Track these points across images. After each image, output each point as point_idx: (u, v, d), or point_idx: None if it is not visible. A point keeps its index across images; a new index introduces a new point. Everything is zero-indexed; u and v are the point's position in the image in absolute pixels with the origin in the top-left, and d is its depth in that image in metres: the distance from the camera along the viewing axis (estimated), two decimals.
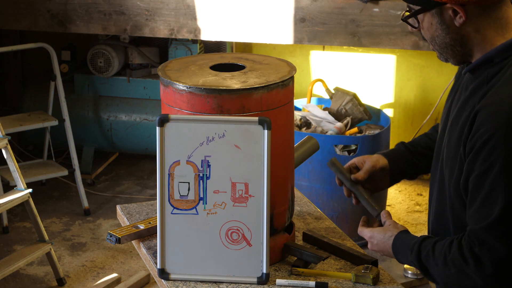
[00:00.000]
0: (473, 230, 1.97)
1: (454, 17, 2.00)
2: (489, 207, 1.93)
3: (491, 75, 2.00)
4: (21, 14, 5.01)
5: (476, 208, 1.96)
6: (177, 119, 2.34)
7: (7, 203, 4.03)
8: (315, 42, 4.74)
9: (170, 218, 2.38)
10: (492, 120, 1.91)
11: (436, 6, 2.00)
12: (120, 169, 5.77)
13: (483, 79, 2.02)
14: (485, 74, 2.02)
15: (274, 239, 2.48)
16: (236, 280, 2.39)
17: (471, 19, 2.00)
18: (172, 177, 2.36)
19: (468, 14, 1.99)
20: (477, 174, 1.95)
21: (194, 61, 2.60)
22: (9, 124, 4.78)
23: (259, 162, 2.34)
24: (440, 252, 2.04)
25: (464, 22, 2.00)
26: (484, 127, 1.92)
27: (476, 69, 2.05)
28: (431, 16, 2.03)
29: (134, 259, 4.54)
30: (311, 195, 4.50)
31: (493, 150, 1.91)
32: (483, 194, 1.94)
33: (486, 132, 1.91)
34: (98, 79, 5.44)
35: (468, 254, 1.97)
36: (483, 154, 1.92)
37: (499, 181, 1.91)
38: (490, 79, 2.00)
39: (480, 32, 2.01)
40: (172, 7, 4.82)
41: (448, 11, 2.00)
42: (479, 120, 1.94)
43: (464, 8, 1.98)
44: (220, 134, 2.33)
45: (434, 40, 2.07)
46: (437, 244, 2.06)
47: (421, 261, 2.09)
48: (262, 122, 2.31)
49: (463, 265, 1.98)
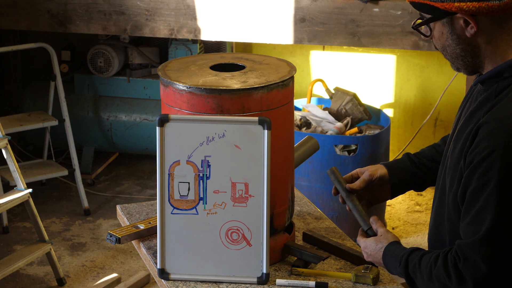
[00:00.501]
0: (459, 245, 1.96)
1: (466, 27, 1.97)
2: (478, 223, 1.92)
3: (499, 89, 1.97)
4: (21, 14, 5.01)
5: (467, 222, 1.95)
6: (177, 119, 2.34)
7: (7, 203, 4.03)
8: (315, 42, 4.74)
9: (170, 218, 2.38)
10: (493, 136, 1.89)
11: (446, 16, 1.97)
12: (120, 169, 5.77)
13: (491, 92, 1.99)
14: (494, 87, 1.99)
15: (274, 239, 2.48)
16: (236, 280, 2.39)
17: (483, 30, 1.97)
18: (172, 177, 2.36)
19: (480, 25, 1.96)
20: (473, 188, 1.93)
21: (194, 61, 2.60)
22: (9, 124, 4.78)
23: (259, 162, 2.34)
24: (426, 266, 2.02)
25: (476, 33, 1.97)
26: (485, 143, 1.90)
27: (486, 81, 2.02)
28: (442, 25, 2.00)
29: (134, 259, 4.55)
30: (311, 195, 4.50)
31: (490, 167, 1.89)
32: (475, 209, 1.92)
33: (486, 148, 1.89)
34: (98, 79, 5.44)
35: (451, 269, 1.96)
36: (481, 170, 1.90)
37: (491, 199, 1.89)
38: (498, 93, 1.97)
39: (491, 43, 1.98)
40: (172, 7, 4.82)
41: (459, 21, 1.97)
42: (481, 134, 1.92)
43: (475, 18, 1.95)
44: (220, 134, 2.33)
45: (445, 50, 2.04)
46: (424, 257, 2.05)
47: (408, 273, 2.08)
48: (262, 122, 2.31)
49: (446, 280, 1.96)
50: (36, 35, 5.67)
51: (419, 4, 2.01)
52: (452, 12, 1.96)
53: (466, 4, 1.93)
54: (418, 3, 2.01)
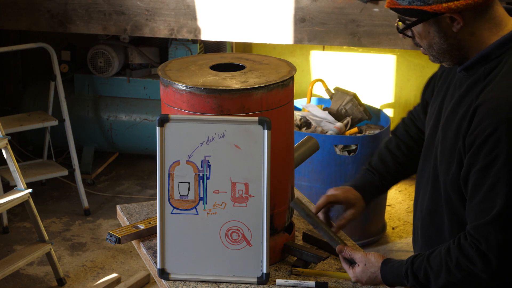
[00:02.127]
0: (476, 227, 1.96)
1: (452, 23, 2.01)
2: (491, 199, 1.94)
3: (488, 71, 2.02)
4: (21, 14, 5.01)
5: (478, 201, 1.96)
6: (177, 119, 2.34)
7: (7, 203, 4.03)
8: (315, 42, 4.74)
9: (170, 218, 2.38)
10: (494, 114, 1.92)
11: (434, 16, 2.01)
12: (120, 169, 5.77)
13: (479, 76, 2.03)
14: (481, 70, 2.03)
15: (274, 239, 2.48)
16: (236, 280, 2.39)
17: (468, 23, 2.02)
18: (172, 177, 2.36)
19: (465, 19, 2.01)
20: (480, 167, 1.95)
21: (194, 61, 2.60)
22: (9, 124, 4.78)
23: (259, 162, 2.34)
24: (440, 264, 2.03)
25: (461, 27, 2.02)
26: (486, 121, 1.93)
27: (471, 67, 2.06)
28: (428, 25, 2.04)
29: (134, 259, 4.55)
30: (311, 195, 4.50)
31: (497, 143, 1.91)
32: (487, 186, 1.94)
33: (488, 126, 1.92)
34: (98, 79, 5.44)
35: (474, 254, 1.96)
36: (487, 147, 1.93)
37: (503, 174, 1.92)
38: (487, 75, 2.02)
39: (475, 34, 2.03)
40: (172, 7, 4.82)
41: (445, 19, 2.01)
42: (480, 114, 1.95)
43: (461, 14, 2.00)
44: (220, 134, 2.33)
45: (432, 47, 2.08)
46: (431, 258, 2.05)
47: (421, 283, 2.07)
48: (262, 122, 2.31)
49: (470, 267, 1.97)
50: (36, 35, 5.67)
51: (404, 10, 2.03)
52: (441, 13, 1.98)
53: (453, 3, 1.98)
54: (403, 9, 2.02)
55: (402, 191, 5.41)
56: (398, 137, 2.44)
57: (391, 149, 2.43)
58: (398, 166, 2.42)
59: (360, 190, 2.41)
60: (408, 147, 2.42)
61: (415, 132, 2.42)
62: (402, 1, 2.02)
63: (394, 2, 2.04)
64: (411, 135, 2.42)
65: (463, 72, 2.09)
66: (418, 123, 2.42)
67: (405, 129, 2.44)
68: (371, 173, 2.43)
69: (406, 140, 2.43)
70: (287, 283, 2.39)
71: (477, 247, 1.96)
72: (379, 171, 2.43)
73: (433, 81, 2.34)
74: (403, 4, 2.02)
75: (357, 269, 2.22)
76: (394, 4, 2.04)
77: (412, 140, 2.42)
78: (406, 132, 2.44)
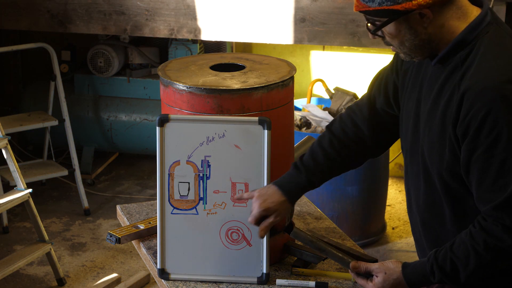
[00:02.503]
0: (496, 206, 1.96)
1: (422, 19, 2.03)
2: (505, 175, 1.94)
3: (463, 57, 2.04)
4: (21, 14, 5.01)
5: (491, 182, 1.96)
6: (177, 119, 2.34)
7: (7, 203, 4.03)
8: (315, 42, 4.74)
9: (170, 218, 2.38)
10: (483, 96, 1.94)
11: (404, 15, 2.02)
12: (120, 169, 5.77)
13: (456, 63, 2.05)
14: (457, 58, 2.05)
15: (274, 239, 2.48)
16: (236, 280, 2.39)
17: (436, 16, 2.03)
18: (172, 177, 2.36)
19: (434, 13, 2.02)
20: (484, 149, 1.96)
21: (194, 61, 2.60)
22: (9, 124, 4.78)
23: (259, 162, 2.34)
24: (466, 250, 2.02)
25: (431, 22, 2.03)
26: (477, 105, 1.94)
27: (446, 58, 2.07)
28: (398, 24, 2.04)
29: (134, 259, 4.54)
30: (311, 195, 4.50)
31: (495, 122, 1.93)
32: (496, 165, 1.95)
33: (481, 109, 1.94)
34: (98, 79, 5.44)
35: (501, 231, 1.97)
36: (486, 129, 1.94)
37: (510, 149, 1.93)
38: (463, 61, 2.03)
39: (444, 26, 2.05)
40: (172, 7, 4.82)
41: (415, 16, 2.02)
42: (469, 100, 1.96)
43: (430, 8, 2.01)
44: (220, 134, 2.33)
45: (403, 44, 2.08)
46: (454, 248, 2.04)
47: (449, 275, 2.06)
48: (262, 122, 2.31)
49: (500, 245, 1.97)
50: (36, 35, 5.67)
51: (374, 11, 2.03)
52: (412, 10, 1.99)
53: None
54: (374, 10, 2.02)
55: (402, 191, 5.41)
56: (333, 133, 2.37)
57: (323, 146, 2.36)
58: (329, 163, 2.35)
59: (286, 192, 2.33)
60: (342, 144, 2.35)
61: (351, 130, 2.36)
62: (372, 3, 2.02)
63: (363, 5, 2.03)
64: (347, 132, 2.36)
65: (438, 65, 2.10)
66: (358, 120, 2.35)
67: (341, 126, 2.37)
68: (298, 172, 2.35)
69: (340, 137, 2.36)
70: (287, 283, 2.39)
71: (502, 225, 1.97)
72: (308, 169, 2.34)
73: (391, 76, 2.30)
74: (373, 6, 2.02)
75: (377, 280, 2.17)
76: (364, 7, 2.04)
77: (347, 138, 2.36)
78: (342, 129, 2.37)
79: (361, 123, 2.35)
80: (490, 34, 2.03)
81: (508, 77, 1.94)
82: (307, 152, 2.37)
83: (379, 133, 2.35)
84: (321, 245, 2.35)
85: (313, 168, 2.34)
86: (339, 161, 2.36)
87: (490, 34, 2.03)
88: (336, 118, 2.41)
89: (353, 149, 2.36)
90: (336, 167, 2.38)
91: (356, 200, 4.56)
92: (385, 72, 2.33)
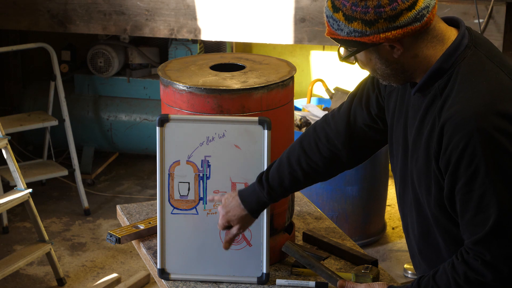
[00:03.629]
0: (477, 241, 1.94)
1: (392, 50, 1.99)
2: (484, 211, 1.91)
3: (441, 86, 2.00)
4: (21, 14, 5.01)
5: (471, 216, 1.94)
6: (177, 119, 2.34)
7: (7, 203, 4.03)
8: (315, 42, 4.74)
9: (170, 218, 2.38)
10: (462, 128, 1.90)
11: (372, 46, 1.99)
12: (120, 169, 5.77)
13: (435, 92, 2.01)
14: (435, 87, 2.01)
15: (274, 239, 2.48)
16: (236, 280, 2.39)
17: (408, 48, 1.99)
18: (172, 177, 2.36)
19: (405, 45, 1.98)
20: (463, 183, 1.93)
21: (194, 61, 2.60)
22: (9, 124, 4.78)
23: (259, 162, 2.34)
24: (448, 281, 1.99)
25: (402, 53, 1.99)
26: (456, 137, 1.91)
27: (424, 87, 2.03)
28: (368, 53, 2.01)
29: (134, 259, 4.54)
30: (311, 195, 4.50)
31: (473, 155, 1.89)
32: (475, 200, 1.92)
33: (460, 141, 1.90)
34: (98, 79, 5.44)
35: (481, 266, 1.94)
36: (464, 162, 1.90)
37: (488, 184, 1.89)
38: (442, 90, 1.99)
39: (418, 56, 2.00)
40: (172, 7, 4.82)
41: (385, 47, 1.98)
42: (448, 132, 1.92)
43: (400, 41, 1.97)
44: (220, 134, 2.33)
45: (376, 72, 2.06)
46: (437, 277, 2.02)
47: None
48: (262, 122, 2.31)
49: (481, 280, 1.95)
50: (36, 35, 5.67)
51: (343, 40, 2.00)
52: (379, 43, 1.97)
53: (391, 33, 1.95)
54: (342, 39, 2.00)
55: None
56: (303, 150, 2.31)
57: (291, 162, 2.31)
58: (293, 182, 2.31)
59: (247, 207, 2.31)
60: (311, 163, 2.30)
61: (325, 146, 2.30)
62: (341, 32, 1.98)
63: (333, 32, 2.00)
64: (320, 147, 2.30)
65: (418, 94, 2.06)
66: (333, 134, 2.30)
67: (315, 140, 2.31)
68: (261, 187, 2.32)
69: (311, 154, 2.30)
70: (287, 283, 2.39)
71: (482, 260, 1.93)
72: (271, 186, 2.31)
73: (373, 93, 2.25)
74: (342, 35, 1.99)
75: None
76: (333, 34, 2.00)
77: (319, 154, 2.30)
78: (315, 144, 2.31)
79: (336, 139, 2.29)
80: (468, 60, 1.98)
81: (486, 107, 1.90)
82: (275, 163, 2.32)
83: (356, 149, 2.29)
84: (312, 261, 2.35)
85: (276, 186, 2.30)
86: (304, 181, 2.32)
87: (467, 60, 1.98)
88: (310, 130, 2.34)
89: (324, 166, 2.30)
90: (300, 185, 2.34)
91: (356, 200, 4.56)
92: (366, 88, 2.27)
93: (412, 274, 4.28)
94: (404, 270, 4.35)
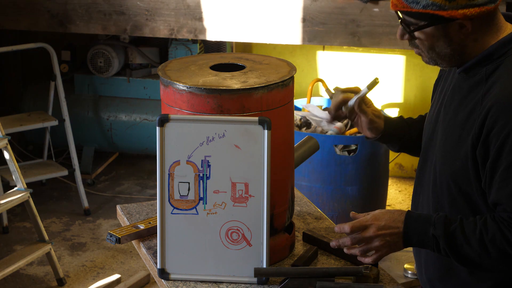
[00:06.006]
0: None
1: (460, 29, 2.01)
2: None
3: (489, 71, 2.02)
4: (21, 14, 5.01)
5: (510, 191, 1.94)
6: (177, 119, 2.34)
7: (7, 203, 4.03)
8: (315, 42, 4.74)
9: (170, 218, 2.38)
10: (507, 114, 1.93)
11: (447, 22, 2.00)
12: (120, 169, 5.77)
13: (481, 77, 2.04)
14: (482, 71, 2.04)
15: (274, 239, 2.48)
16: (236, 280, 2.39)
17: (474, 30, 2.02)
18: (172, 177, 2.36)
19: (473, 26, 2.01)
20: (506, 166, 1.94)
21: (194, 61, 2.60)
22: (9, 124, 4.78)
23: (259, 162, 2.34)
24: (474, 231, 1.99)
25: (467, 35, 2.02)
26: (501, 122, 1.94)
27: (471, 68, 2.06)
28: (435, 29, 2.02)
29: (134, 259, 4.55)
30: (311, 195, 4.50)
31: None
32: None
33: (505, 127, 1.93)
34: (98, 79, 5.44)
35: None
36: (508, 147, 1.93)
37: None
38: (489, 76, 2.02)
39: (478, 40, 2.04)
40: (172, 7, 4.82)
41: (455, 25, 2.00)
42: (494, 116, 1.95)
43: (471, 21, 2.00)
44: (220, 134, 2.33)
45: (433, 50, 2.07)
46: (465, 223, 2.01)
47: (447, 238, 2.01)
48: (262, 122, 2.31)
49: (507, 248, 1.95)
50: (36, 35, 5.67)
51: (417, 13, 2.00)
52: (456, 19, 1.97)
53: (469, 10, 1.97)
54: (416, 12, 2.00)
55: (402, 191, 5.42)
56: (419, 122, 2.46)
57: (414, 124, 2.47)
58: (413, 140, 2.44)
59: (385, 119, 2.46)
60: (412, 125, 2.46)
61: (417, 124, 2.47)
62: (415, 5, 1.99)
63: (406, 5, 2.00)
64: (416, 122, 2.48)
65: (462, 74, 2.09)
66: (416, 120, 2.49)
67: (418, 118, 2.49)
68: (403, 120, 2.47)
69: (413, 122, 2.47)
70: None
71: None
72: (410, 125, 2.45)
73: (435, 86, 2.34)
74: (416, 8, 1.99)
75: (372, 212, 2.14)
76: (405, 7, 2.00)
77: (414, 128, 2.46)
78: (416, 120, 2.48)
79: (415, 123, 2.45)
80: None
81: None
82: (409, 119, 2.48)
83: None
84: None
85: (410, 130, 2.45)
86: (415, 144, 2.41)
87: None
88: None
89: None
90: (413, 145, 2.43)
91: (356, 200, 4.56)
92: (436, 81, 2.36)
93: (412, 274, 4.28)
94: (404, 270, 4.35)
